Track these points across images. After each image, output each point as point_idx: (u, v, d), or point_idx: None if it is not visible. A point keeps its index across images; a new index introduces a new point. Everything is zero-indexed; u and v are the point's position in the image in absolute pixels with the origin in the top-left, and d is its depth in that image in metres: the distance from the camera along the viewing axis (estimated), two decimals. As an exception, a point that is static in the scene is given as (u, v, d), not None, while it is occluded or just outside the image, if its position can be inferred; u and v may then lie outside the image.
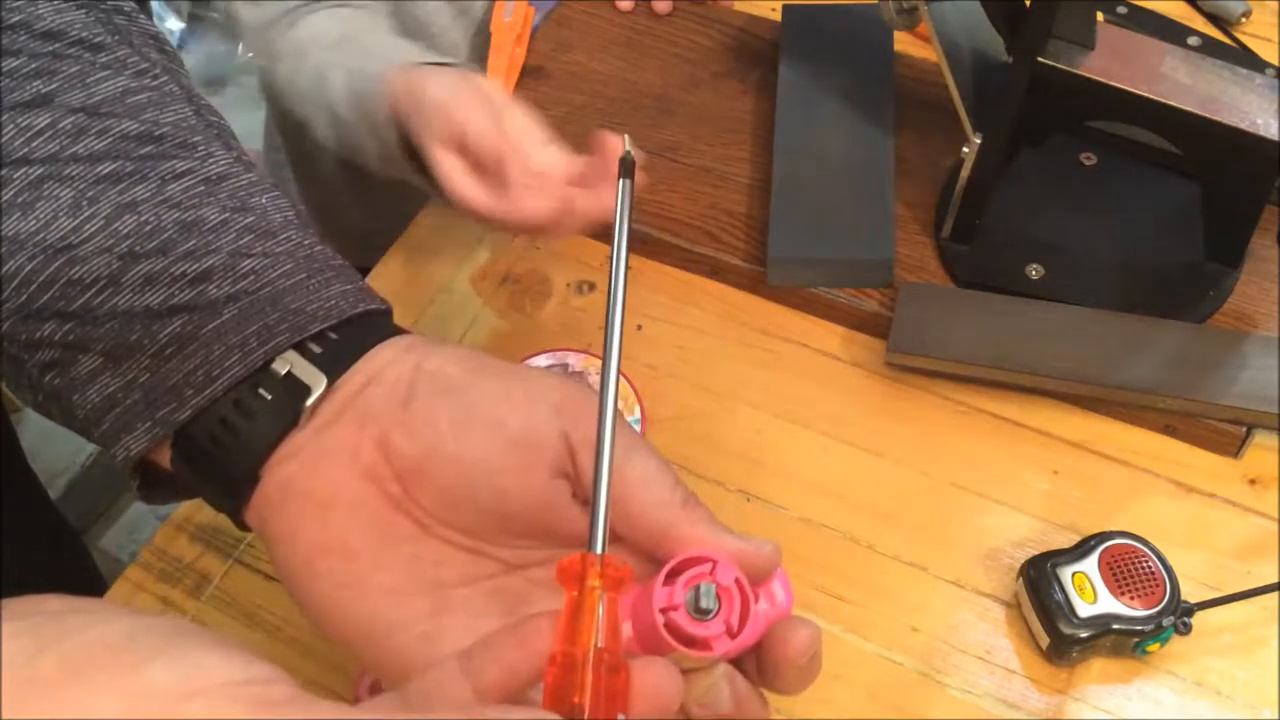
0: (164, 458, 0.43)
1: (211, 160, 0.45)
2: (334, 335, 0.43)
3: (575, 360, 0.74)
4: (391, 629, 0.39)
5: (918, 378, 0.73)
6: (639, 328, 0.77)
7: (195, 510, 0.70)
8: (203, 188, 0.44)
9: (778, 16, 0.90)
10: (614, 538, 0.39)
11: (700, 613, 0.37)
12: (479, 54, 0.88)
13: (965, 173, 0.74)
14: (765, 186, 0.79)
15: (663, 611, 0.37)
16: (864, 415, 0.72)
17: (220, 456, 0.41)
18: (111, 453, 0.43)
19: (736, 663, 0.38)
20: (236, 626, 0.65)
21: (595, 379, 0.73)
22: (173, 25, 2.17)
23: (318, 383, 0.41)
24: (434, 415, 0.40)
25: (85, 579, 1.05)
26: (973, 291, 0.75)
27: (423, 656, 0.38)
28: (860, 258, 0.75)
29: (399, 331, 0.44)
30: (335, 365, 0.42)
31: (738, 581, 0.37)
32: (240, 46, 2.19)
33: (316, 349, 0.42)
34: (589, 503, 0.38)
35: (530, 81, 0.88)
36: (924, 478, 0.70)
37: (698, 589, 0.37)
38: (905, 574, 0.66)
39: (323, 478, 0.40)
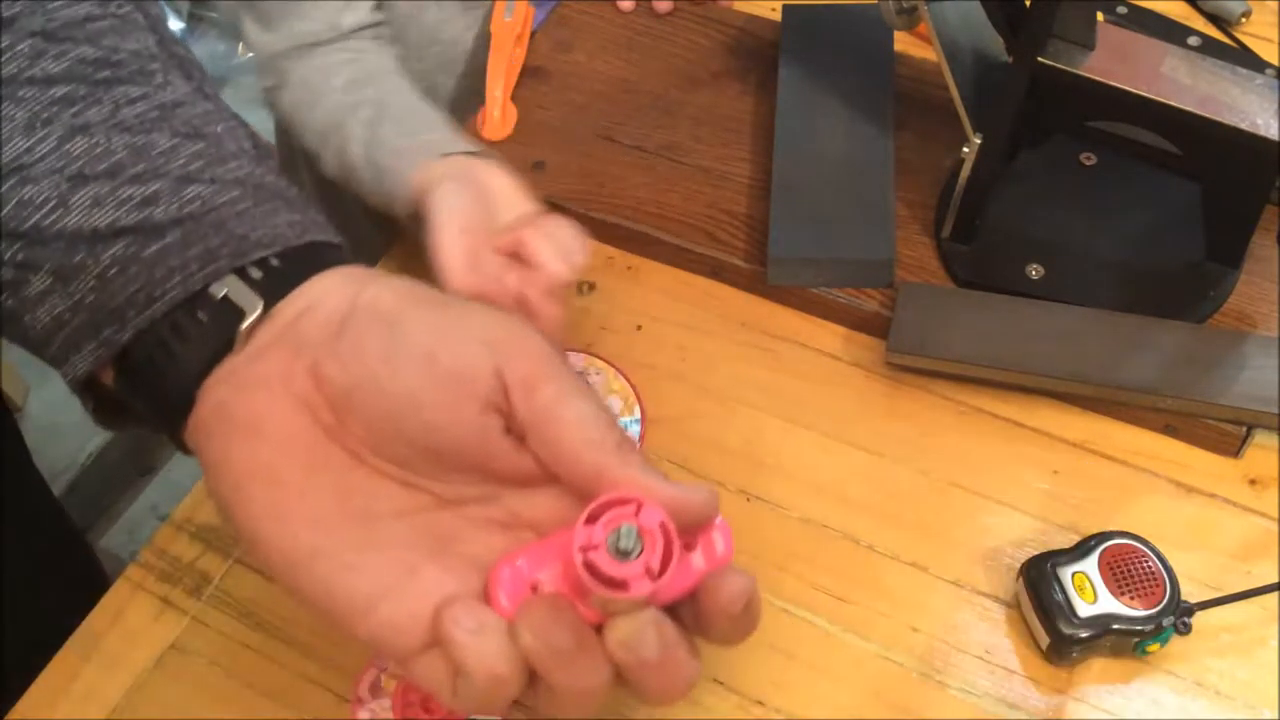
0: (111, 379, 0.43)
1: (170, 89, 0.45)
2: (276, 263, 0.43)
3: (575, 360, 0.74)
4: (315, 557, 0.39)
5: (918, 378, 0.73)
6: (639, 328, 0.77)
7: (195, 510, 0.70)
8: (156, 114, 0.44)
9: (778, 16, 0.90)
10: (550, 477, 0.40)
11: (620, 553, 0.36)
12: (480, 54, 0.88)
13: (965, 173, 0.74)
14: (765, 186, 0.79)
15: (582, 550, 0.36)
16: (864, 415, 0.72)
17: (156, 378, 0.42)
18: (61, 372, 0.43)
19: (673, 614, 0.38)
20: (236, 626, 0.65)
21: (595, 379, 0.73)
22: (173, 25, 2.17)
23: (254, 307, 0.41)
24: (364, 346, 0.40)
25: (87, 577, 1.05)
26: (973, 291, 0.75)
27: (346, 587, 0.38)
28: (860, 258, 0.75)
29: (347, 263, 0.44)
30: (274, 292, 0.42)
31: (663, 525, 0.37)
32: (240, 46, 2.19)
33: (257, 274, 0.42)
34: (523, 439, 0.39)
35: (530, 81, 0.88)
36: (924, 478, 0.70)
37: (619, 530, 0.36)
38: (905, 574, 0.66)
39: (254, 403, 0.40)
